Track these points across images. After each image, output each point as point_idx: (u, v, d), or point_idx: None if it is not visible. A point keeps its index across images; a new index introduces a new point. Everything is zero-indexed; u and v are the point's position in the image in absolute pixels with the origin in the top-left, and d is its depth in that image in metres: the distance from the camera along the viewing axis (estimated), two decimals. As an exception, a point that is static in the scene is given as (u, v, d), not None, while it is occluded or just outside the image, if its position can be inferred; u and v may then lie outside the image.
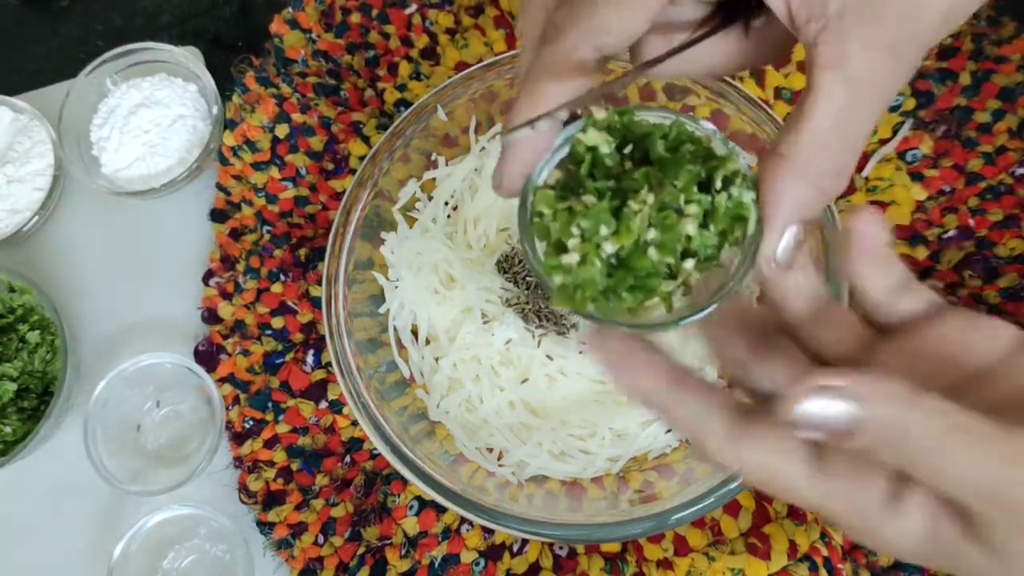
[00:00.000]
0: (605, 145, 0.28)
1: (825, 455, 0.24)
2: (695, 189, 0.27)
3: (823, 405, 0.22)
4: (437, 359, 0.51)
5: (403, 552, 0.51)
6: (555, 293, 0.27)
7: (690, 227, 0.26)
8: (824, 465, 0.24)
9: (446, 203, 0.53)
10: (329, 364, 0.56)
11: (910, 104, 0.54)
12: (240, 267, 0.59)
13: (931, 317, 0.26)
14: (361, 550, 0.52)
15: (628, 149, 0.28)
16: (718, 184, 0.27)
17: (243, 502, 0.54)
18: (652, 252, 0.26)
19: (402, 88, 0.61)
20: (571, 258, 0.26)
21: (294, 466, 0.54)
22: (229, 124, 0.61)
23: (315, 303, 0.57)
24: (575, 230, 0.26)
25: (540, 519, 0.43)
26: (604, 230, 0.26)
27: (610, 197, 0.26)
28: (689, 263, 0.26)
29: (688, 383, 0.25)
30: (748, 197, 0.27)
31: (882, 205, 0.54)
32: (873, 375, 0.22)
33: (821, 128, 0.26)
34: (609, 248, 0.26)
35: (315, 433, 0.55)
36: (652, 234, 0.26)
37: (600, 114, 0.28)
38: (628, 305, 0.26)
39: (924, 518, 0.23)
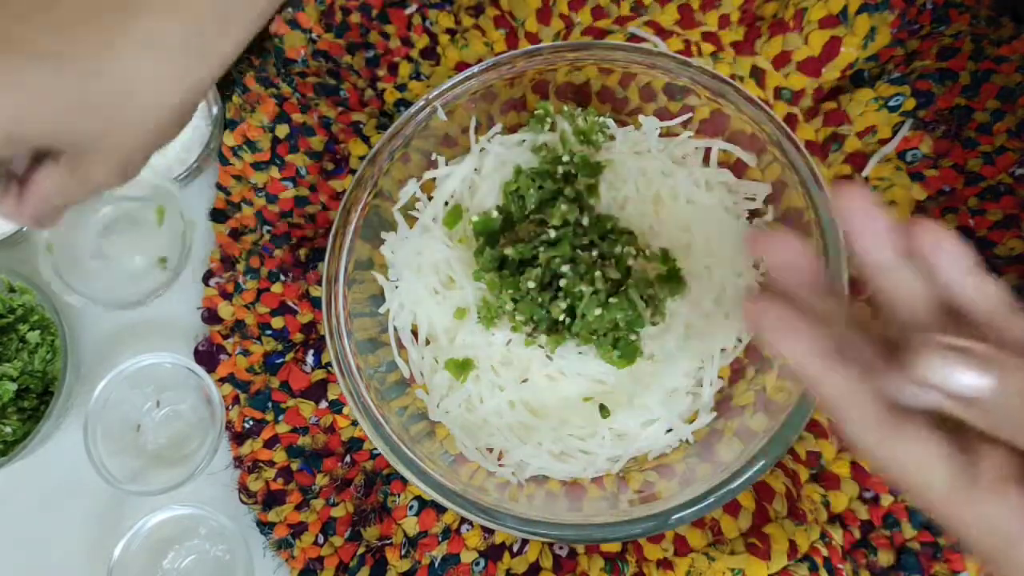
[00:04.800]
0: None
1: (972, 469, 0.24)
2: None
3: (955, 368, 0.21)
4: (437, 359, 0.51)
5: (403, 552, 0.51)
6: None
7: None
8: (973, 478, 0.23)
9: (446, 203, 0.53)
10: (329, 364, 0.56)
11: (910, 104, 0.54)
12: (240, 267, 0.59)
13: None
14: (361, 550, 0.52)
15: None
16: None
17: (243, 502, 0.54)
18: None
19: (402, 88, 0.61)
20: None
21: (294, 466, 0.54)
22: (229, 124, 0.61)
23: (315, 303, 0.57)
24: None
25: (540, 519, 0.43)
26: None
27: None
28: None
29: (843, 360, 0.25)
30: None
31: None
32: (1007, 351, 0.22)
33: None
34: None
35: (315, 433, 0.55)
36: None
37: None
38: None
39: None
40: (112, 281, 0.58)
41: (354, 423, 0.54)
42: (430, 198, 0.54)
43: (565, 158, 0.49)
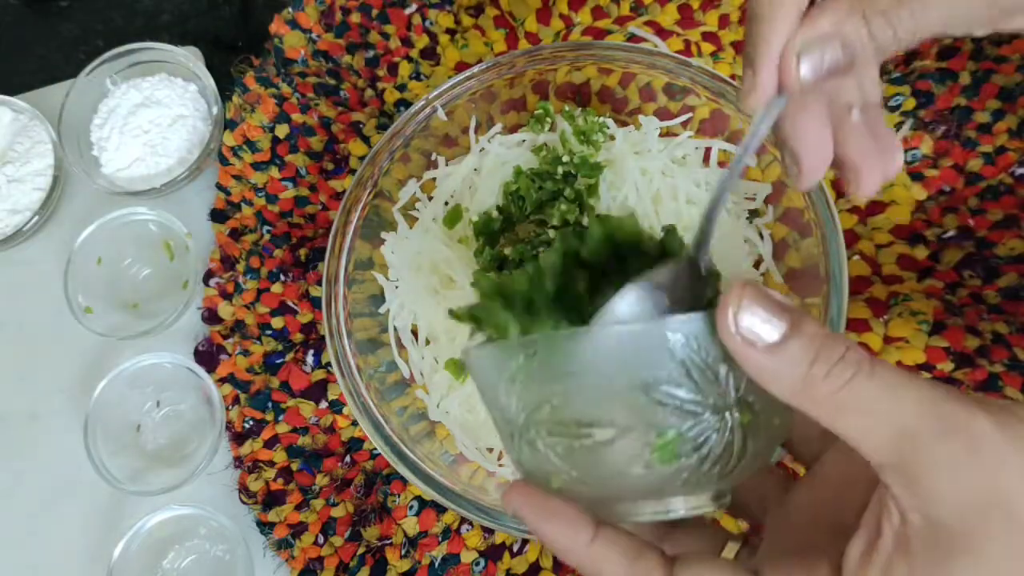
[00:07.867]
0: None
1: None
2: None
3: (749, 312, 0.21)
4: (437, 359, 0.51)
5: (403, 552, 0.51)
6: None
7: None
8: None
9: (446, 203, 0.53)
10: (329, 364, 0.56)
11: (910, 104, 0.54)
12: (240, 267, 0.59)
13: None
14: (361, 550, 0.52)
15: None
16: None
17: (243, 502, 0.54)
18: None
19: (402, 88, 0.61)
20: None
21: (294, 466, 0.54)
22: (229, 124, 0.61)
23: (315, 303, 0.57)
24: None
25: (540, 519, 0.43)
26: None
27: None
28: None
29: (602, 538, 0.25)
30: None
31: (882, 205, 0.54)
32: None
33: None
34: None
35: (315, 433, 0.55)
36: None
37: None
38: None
39: None
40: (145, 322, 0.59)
41: (354, 423, 0.54)
42: (430, 198, 0.54)
43: (565, 158, 0.49)
